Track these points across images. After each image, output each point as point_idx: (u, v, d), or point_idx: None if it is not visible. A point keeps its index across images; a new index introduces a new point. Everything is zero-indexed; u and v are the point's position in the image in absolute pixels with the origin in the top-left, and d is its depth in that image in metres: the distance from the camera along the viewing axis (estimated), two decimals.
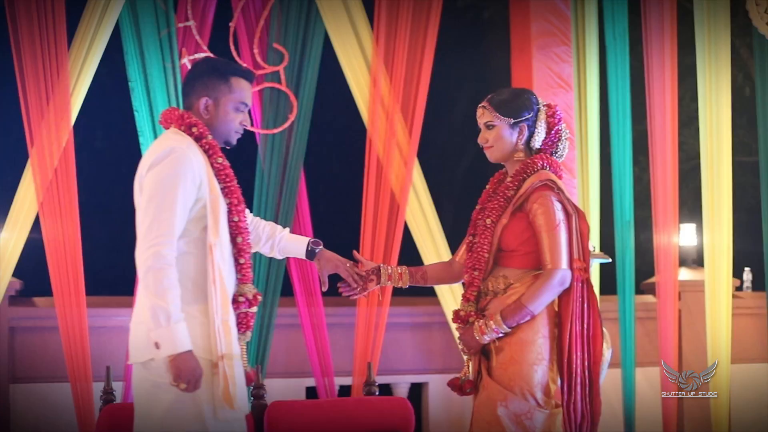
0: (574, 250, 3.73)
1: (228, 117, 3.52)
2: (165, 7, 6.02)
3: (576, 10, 6.49)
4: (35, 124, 5.72)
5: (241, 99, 3.53)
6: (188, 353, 3.25)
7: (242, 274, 3.50)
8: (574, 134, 6.46)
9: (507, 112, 3.82)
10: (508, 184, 3.82)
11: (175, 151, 3.34)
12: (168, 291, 3.24)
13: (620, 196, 6.49)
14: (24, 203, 5.74)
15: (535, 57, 6.43)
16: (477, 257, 3.82)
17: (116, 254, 6.47)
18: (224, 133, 3.53)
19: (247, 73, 3.59)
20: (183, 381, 3.24)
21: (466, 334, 3.79)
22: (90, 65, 5.83)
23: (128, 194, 3.49)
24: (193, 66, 3.60)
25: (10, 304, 6.13)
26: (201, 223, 3.38)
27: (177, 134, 3.45)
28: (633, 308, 6.49)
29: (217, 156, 3.46)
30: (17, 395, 6.12)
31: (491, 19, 7.69)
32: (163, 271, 3.25)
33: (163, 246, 3.26)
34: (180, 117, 3.48)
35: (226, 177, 3.47)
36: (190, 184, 3.34)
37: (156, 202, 3.29)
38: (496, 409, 3.69)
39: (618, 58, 6.47)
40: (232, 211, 3.47)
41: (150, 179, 3.34)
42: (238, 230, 3.48)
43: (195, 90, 3.51)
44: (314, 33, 6.25)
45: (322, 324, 6.18)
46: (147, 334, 3.28)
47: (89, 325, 5.80)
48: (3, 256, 5.74)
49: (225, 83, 3.51)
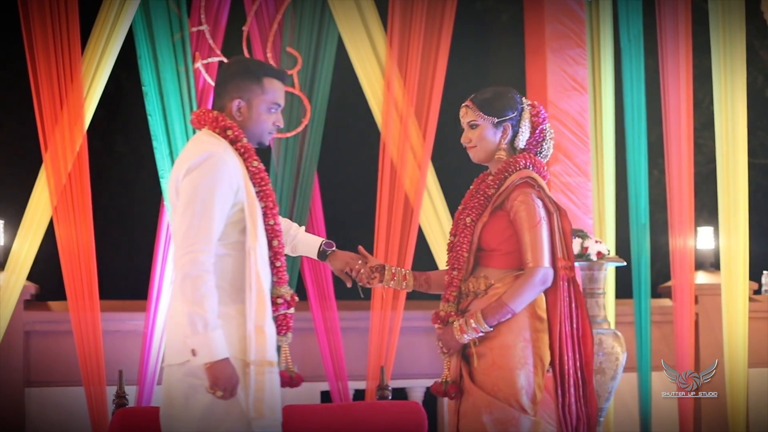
0: (558, 248, 3.67)
1: (261, 118, 3.47)
2: (178, 12, 6.03)
3: (590, 12, 6.45)
4: (49, 129, 5.73)
5: (273, 100, 3.48)
6: (225, 361, 3.24)
7: (278, 277, 3.49)
8: (589, 137, 6.43)
9: (490, 111, 3.76)
10: (489, 182, 3.76)
11: (212, 156, 3.31)
12: (206, 298, 3.22)
13: (636, 199, 6.45)
14: (38, 207, 5.76)
15: (550, 59, 6.41)
16: (456, 257, 3.76)
17: (130, 258, 6.51)
18: (257, 135, 3.49)
19: (280, 72, 3.54)
20: (219, 388, 3.23)
21: (446, 333, 3.71)
22: (104, 69, 5.84)
23: (142, 198, 3.49)
24: (225, 67, 3.55)
25: (25, 308, 6.15)
26: (238, 227, 3.36)
27: (212, 137, 3.42)
28: (649, 312, 6.44)
29: (252, 159, 3.43)
30: (32, 399, 6.14)
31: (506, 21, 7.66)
32: (201, 278, 3.23)
33: (201, 252, 3.25)
34: (215, 119, 3.44)
35: (261, 180, 3.44)
36: (228, 188, 3.32)
37: (194, 208, 3.28)
38: (481, 416, 3.63)
39: (633, 61, 6.43)
40: (268, 214, 3.44)
41: (187, 184, 3.32)
42: (274, 233, 3.47)
43: (227, 91, 3.47)
44: (327, 36, 6.25)
45: (335, 328, 6.17)
46: (183, 338, 3.26)
47: (103, 329, 5.81)
48: (17, 260, 5.75)
49: (257, 84, 3.46)
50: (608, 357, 5.64)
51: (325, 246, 3.89)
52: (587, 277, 5.75)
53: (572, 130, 6.41)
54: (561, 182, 6.38)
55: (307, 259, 6.15)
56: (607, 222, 6.39)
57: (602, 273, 5.76)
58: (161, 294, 5.90)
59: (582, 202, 6.40)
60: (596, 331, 5.63)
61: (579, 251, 5.69)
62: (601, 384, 5.62)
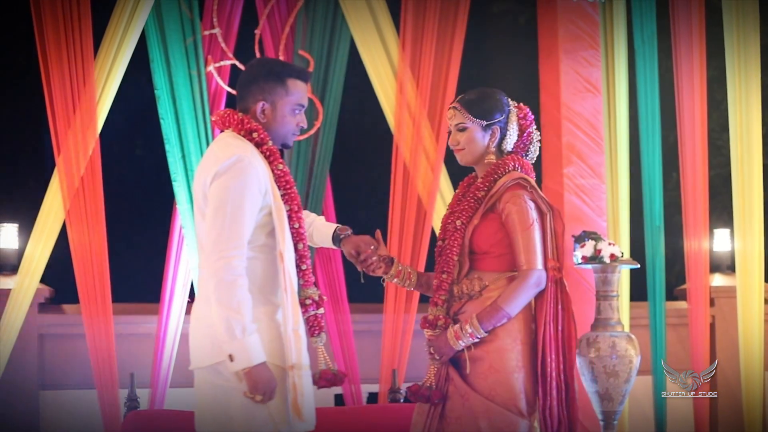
0: (548, 249, 3.64)
1: (285, 120, 3.46)
2: (191, 15, 6.04)
3: (604, 13, 6.42)
4: (62, 133, 5.75)
5: (297, 101, 3.47)
6: (263, 365, 3.25)
7: (305, 279, 3.49)
8: (603, 139, 6.39)
9: (479, 114, 3.71)
10: (479, 185, 3.72)
11: (241, 160, 3.31)
12: (242, 303, 3.24)
13: (650, 201, 6.41)
14: (51, 211, 5.77)
15: (563, 61, 6.37)
16: (446, 260, 3.70)
17: (142, 262, 6.52)
18: (281, 136, 3.48)
19: (303, 73, 3.52)
20: (259, 392, 3.24)
21: (439, 340, 3.65)
22: (116, 73, 5.86)
23: (155, 201, 3.48)
24: (248, 68, 3.53)
25: (39, 312, 6.18)
26: (266, 230, 3.36)
27: (237, 139, 3.41)
28: (663, 314, 6.40)
29: (277, 162, 3.43)
30: (46, 402, 6.17)
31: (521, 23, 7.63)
32: (236, 283, 3.24)
33: (234, 257, 3.26)
34: (240, 122, 3.42)
35: (287, 184, 3.43)
36: (257, 192, 3.32)
37: (224, 213, 3.28)
38: (478, 421, 3.58)
39: (647, 62, 6.39)
40: (292, 217, 3.44)
41: (216, 188, 3.31)
42: (299, 236, 3.46)
43: (251, 93, 3.45)
44: (340, 39, 6.24)
45: (348, 330, 6.16)
46: (212, 341, 3.29)
47: (116, 333, 5.83)
48: (30, 263, 5.77)
49: (281, 86, 3.44)
50: (621, 360, 5.60)
51: (339, 231, 3.80)
52: (600, 280, 5.71)
53: (586, 132, 6.38)
54: (575, 184, 6.34)
55: (320, 263, 6.15)
56: (621, 224, 6.35)
57: (616, 275, 5.72)
58: (174, 297, 5.92)
59: (596, 205, 6.36)
60: (609, 334, 5.60)
61: (592, 253, 5.65)
62: (615, 387, 5.58)
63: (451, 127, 3.77)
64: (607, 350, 5.59)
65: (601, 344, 5.59)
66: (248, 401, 3.28)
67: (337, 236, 3.80)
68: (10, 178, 6.62)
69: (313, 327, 3.52)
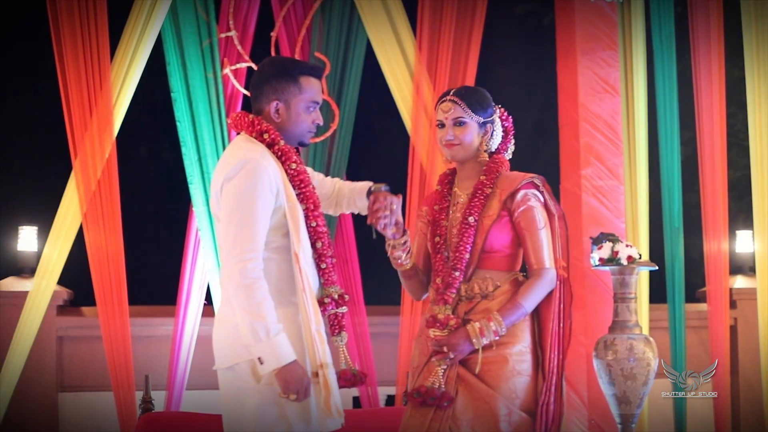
0: (557, 249, 3.64)
1: (300, 118, 3.44)
2: (207, 18, 6.05)
3: (622, 13, 6.37)
4: (78, 135, 5.78)
5: (311, 98, 3.45)
6: (293, 364, 3.25)
7: (325, 278, 3.47)
8: (622, 140, 6.33)
9: (478, 110, 3.67)
10: (484, 182, 3.67)
11: (249, 163, 3.31)
12: (262, 305, 3.24)
13: (669, 203, 6.35)
14: (68, 214, 5.80)
15: (581, 62, 6.32)
16: (459, 257, 3.63)
17: (159, 264, 6.55)
18: (298, 135, 3.47)
19: (316, 69, 3.50)
20: (292, 392, 3.24)
21: (456, 337, 3.56)
22: (133, 76, 5.88)
23: (171, 204, 3.49)
24: (260, 68, 3.50)
25: (58, 314, 6.23)
26: (281, 231, 3.36)
27: (249, 141, 3.41)
28: (683, 317, 6.34)
29: (290, 162, 3.41)
30: (65, 404, 6.21)
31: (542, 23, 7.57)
32: (254, 286, 3.25)
33: (250, 260, 3.26)
34: (251, 123, 3.42)
35: (301, 183, 3.42)
36: (269, 193, 3.31)
37: (237, 217, 3.28)
38: (499, 425, 3.55)
39: (665, 62, 6.34)
40: (309, 216, 3.42)
41: (227, 193, 3.32)
42: (317, 235, 3.43)
43: (264, 93, 3.44)
44: (356, 41, 6.23)
45: (365, 333, 6.15)
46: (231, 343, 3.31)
47: (133, 335, 5.85)
48: (47, 265, 5.80)
49: (294, 84, 3.42)
50: (639, 362, 5.55)
51: (373, 187, 3.63)
52: (618, 282, 5.66)
53: (604, 133, 6.32)
54: (593, 186, 6.29)
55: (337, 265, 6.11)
56: (640, 226, 6.29)
57: (633, 277, 5.66)
58: (190, 299, 5.93)
59: (614, 206, 6.30)
60: (627, 337, 5.55)
61: (609, 255, 5.61)
62: (633, 390, 5.52)
63: (446, 120, 3.68)
64: (624, 353, 5.54)
65: (618, 347, 5.54)
66: (263, 402, 3.28)
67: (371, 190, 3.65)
68: (29, 180, 6.67)
69: (334, 326, 3.50)
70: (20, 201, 6.67)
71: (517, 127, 3.87)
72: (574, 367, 6.19)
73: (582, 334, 6.13)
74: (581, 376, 6.14)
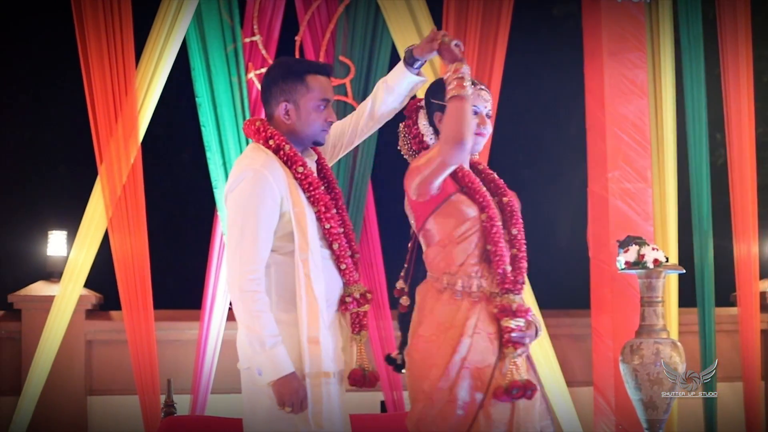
0: None
1: (311, 117, 3.42)
2: (231, 23, 6.06)
3: (650, 14, 6.29)
4: (104, 141, 5.81)
5: (321, 96, 3.41)
6: (289, 376, 3.26)
7: (347, 278, 3.45)
8: (649, 142, 6.25)
9: None
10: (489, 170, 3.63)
11: (248, 173, 3.31)
12: (257, 318, 3.25)
13: (698, 206, 6.26)
14: (93, 218, 5.83)
15: (608, 63, 6.24)
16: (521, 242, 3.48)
17: (184, 268, 6.57)
18: (311, 135, 3.44)
19: (323, 67, 3.47)
20: (287, 404, 3.25)
21: (532, 328, 3.41)
22: (158, 81, 5.91)
23: (196, 208, 3.50)
24: (267, 71, 3.49)
25: (87, 318, 6.27)
26: (290, 237, 3.34)
27: (255, 150, 3.40)
28: (713, 321, 6.25)
29: (297, 166, 3.38)
30: (94, 407, 6.24)
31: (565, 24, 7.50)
32: (251, 298, 3.26)
33: (249, 272, 3.27)
34: (257, 131, 3.42)
35: (310, 186, 3.39)
36: (270, 202, 3.30)
37: (238, 228, 3.29)
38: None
39: (693, 63, 6.25)
40: (322, 218, 3.40)
41: (229, 205, 3.35)
42: (332, 237, 3.41)
43: (273, 96, 3.43)
44: (381, 44, 6.20)
45: (390, 337, 6.13)
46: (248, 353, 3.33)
47: (158, 338, 5.87)
48: (73, 270, 5.84)
49: (301, 83, 3.40)
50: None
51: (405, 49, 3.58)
52: (645, 285, 5.60)
53: (632, 135, 6.25)
54: (620, 188, 6.21)
55: (362, 269, 6.10)
56: (669, 228, 6.21)
57: (660, 281, 5.60)
58: (215, 303, 5.94)
59: (642, 209, 6.21)
60: (654, 341, 5.49)
61: (635, 259, 5.55)
62: (659, 395, 5.46)
63: (483, 110, 3.51)
64: (650, 357, 5.48)
65: (644, 351, 5.48)
66: (273, 404, 3.28)
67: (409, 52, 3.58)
68: (59, 185, 6.72)
69: (355, 324, 3.49)
70: (50, 206, 6.73)
71: (541, 130, 3.79)
72: (602, 372, 6.12)
73: (610, 338, 6.06)
74: (609, 381, 6.06)
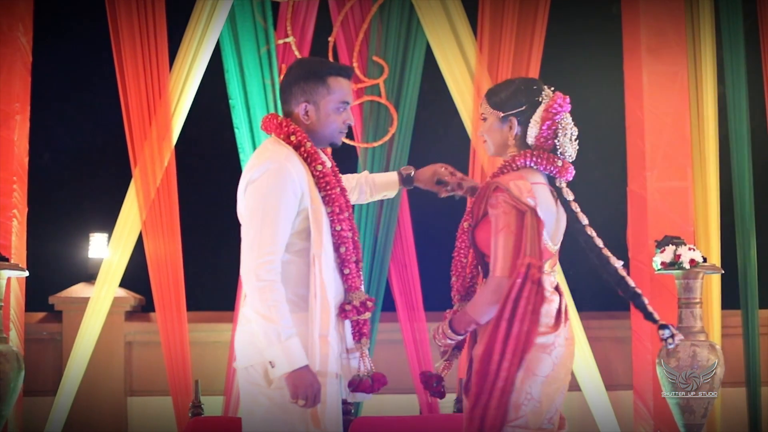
0: (527, 248, 3.28)
1: (329, 119, 3.44)
2: (265, 25, 6.08)
3: (690, 9, 6.13)
4: (138, 144, 5.87)
5: (341, 98, 3.44)
6: (304, 369, 3.23)
7: (348, 284, 3.43)
8: (690, 140, 6.09)
9: (496, 104, 3.50)
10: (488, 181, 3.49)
11: (271, 165, 3.30)
12: (275, 308, 3.23)
13: (741, 205, 6.09)
14: (127, 221, 5.89)
15: (648, 59, 6.11)
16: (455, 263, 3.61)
17: (217, 270, 6.59)
18: (328, 136, 3.46)
19: (344, 69, 3.49)
20: (301, 397, 3.23)
21: None
22: (191, 84, 5.95)
23: (229, 211, 3.51)
24: (288, 70, 3.51)
25: (126, 320, 6.33)
26: (304, 234, 3.34)
27: (275, 144, 3.41)
28: (757, 322, 6.07)
29: (317, 164, 3.39)
30: (134, 408, 6.30)
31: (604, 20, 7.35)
32: (268, 289, 3.24)
33: (267, 263, 3.25)
34: (279, 125, 3.42)
35: (327, 185, 3.39)
36: (291, 196, 3.30)
37: (258, 220, 3.28)
38: None
39: (734, 59, 6.08)
40: (334, 219, 3.39)
41: (250, 196, 3.32)
42: (341, 240, 3.40)
43: (293, 95, 3.44)
44: (415, 44, 6.15)
45: (424, 339, 6.07)
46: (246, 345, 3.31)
47: (192, 340, 5.92)
48: (107, 272, 5.89)
49: (322, 85, 3.42)
50: (703, 370, 5.36)
51: (404, 171, 3.79)
52: (682, 287, 5.48)
53: (671, 133, 6.10)
54: (659, 187, 6.06)
55: (395, 270, 6.08)
56: (711, 228, 6.04)
57: (698, 282, 5.47)
58: None
59: (682, 208, 6.05)
60: (690, 343, 5.37)
61: (671, 259, 5.43)
62: (696, 399, 5.34)
63: (480, 117, 3.60)
64: (687, 360, 5.36)
65: (681, 354, 5.37)
66: (272, 406, 3.27)
67: (409, 177, 3.78)
68: (99, 188, 6.79)
69: (354, 332, 3.46)
70: (91, 209, 6.80)
71: (583, 128, 3.65)
72: (642, 375, 5.99)
73: (648, 341, 5.93)
74: (647, 384, 5.92)
